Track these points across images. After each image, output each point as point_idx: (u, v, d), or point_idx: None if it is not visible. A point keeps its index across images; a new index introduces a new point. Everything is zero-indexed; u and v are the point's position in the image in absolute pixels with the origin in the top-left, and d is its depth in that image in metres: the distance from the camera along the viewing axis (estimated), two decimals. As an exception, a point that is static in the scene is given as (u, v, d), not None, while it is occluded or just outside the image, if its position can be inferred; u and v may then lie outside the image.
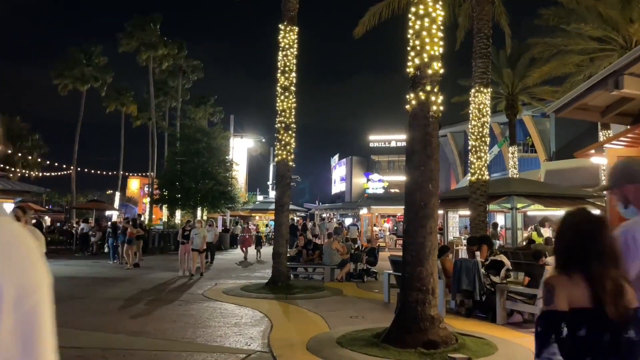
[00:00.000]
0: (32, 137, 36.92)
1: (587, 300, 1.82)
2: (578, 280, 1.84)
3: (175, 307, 9.22)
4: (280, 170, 11.39)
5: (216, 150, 30.22)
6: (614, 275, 1.85)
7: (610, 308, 1.79)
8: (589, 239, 1.91)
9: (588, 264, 1.86)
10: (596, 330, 1.80)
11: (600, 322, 1.80)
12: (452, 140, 48.65)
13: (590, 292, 1.82)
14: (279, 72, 11.51)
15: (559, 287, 1.85)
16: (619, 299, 1.82)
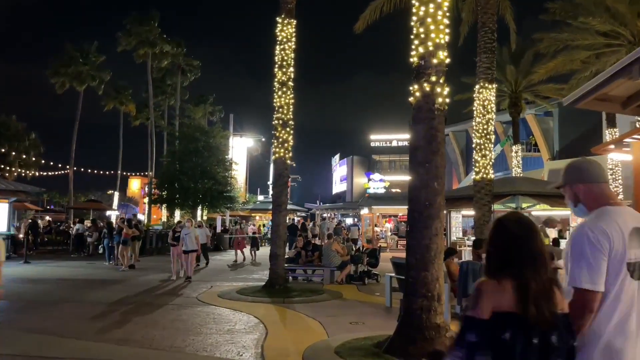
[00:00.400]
0: (29, 137, 36.52)
1: (514, 304, 1.83)
2: (507, 285, 1.86)
3: (167, 311, 8.79)
4: (277, 168, 10.95)
5: (215, 149, 29.81)
6: (542, 280, 1.87)
7: (532, 312, 1.80)
8: (520, 243, 1.93)
9: (519, 269, 1.88)
10: (521, 335, 1.81)
11: (525, 327, 1.81)
12: (454, 140, 48.23)
13: (518, 296, 1.83)
14: (276, 67, 11.08)
15: (486, 293, 1.87)
16: (544, 303, 1.83)
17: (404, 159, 72.26)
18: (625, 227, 2.06)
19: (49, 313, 8.42)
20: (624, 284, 2.02)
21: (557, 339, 1.84)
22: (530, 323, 1.82)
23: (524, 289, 1.84)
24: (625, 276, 2.02)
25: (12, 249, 20.60)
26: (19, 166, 34.85)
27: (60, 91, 34.45)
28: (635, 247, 2.06)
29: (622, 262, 2.02)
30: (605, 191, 2.21)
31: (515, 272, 1.88)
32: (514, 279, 1.87)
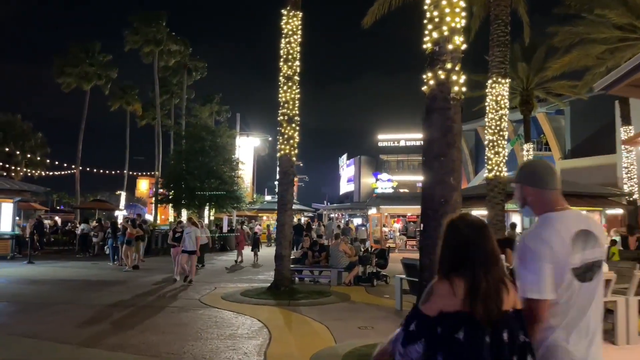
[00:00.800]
0: (35, 137, 36.44)
1: (465, 303, 1.86)
2: (460, 285, 1.89)
3: (168, 315, 8.42)
4: (283, 165, 10.56)
5: (221, 148, 29.47)
6: (493, 279, 1.91)
7: (480, 310, 1.84)
8: (471, 244, 1.97)
9: (470, 269, 1.91)
10: (474, 333, 1.85)
11: (476, 326, 1.85)
12: (463, 139, 47.63)
13: (469, 296, 1.87)
14: (281, 61, 10.69)
15: (436, 294, 1.92)
16: (494, 302, 1.87)
17: (412, 158, 71.74)
18: (568, 232, 2.08)
19: (44, 316, 8.09)
20: (573, 289, 2.04)
21: (509, 336, 1.88)
22: (481, 322, 1.85)
23: (476, 289, 1.88)
24: (572, 281, 2.03)
25: (17, 249, 20.42)
26: (25, 166, 34.79)
27: (67, 91, 34.34)
28: (580, 251, 2.07)
29: (565, 268, 2.03)
30: (553, 198, 2.21)
31: (467, 273, 1.92)
32: (466, 279, 1.91)
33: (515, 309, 1.95)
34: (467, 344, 1.85)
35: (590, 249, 2.09)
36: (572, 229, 2.09)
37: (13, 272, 14.72)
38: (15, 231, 20.19)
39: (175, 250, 13.00)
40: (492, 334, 1.86)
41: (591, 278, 2.08)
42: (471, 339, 1.85)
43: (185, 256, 12.50)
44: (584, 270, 2.06)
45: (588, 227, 2.13)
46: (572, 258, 2.04)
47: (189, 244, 12.47)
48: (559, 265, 2.02)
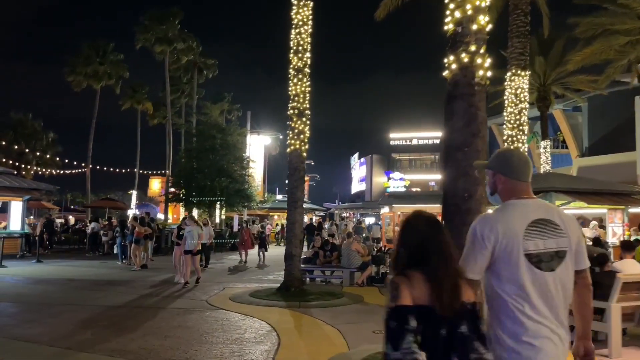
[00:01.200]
0: (47, 136, 36.47)
1: (423, 298, 1.93)
2: (417, 279, 1.96)
3: (172, 317, 8.05)
4: (292, 161, 10.14)
5: (232, 147, 29.16)
6: (449, 273, 1.98)
7: (440, 304, 1.90)
8: (427, 240, 2.04)
9: (426, 264, 1.99)
10: (431, 326, 1.90)
11: (434, 318, 1.90)
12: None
13: (426, 290, 1.93)
14: (291, 52, 10.27)
15: (402, 285, 1.96)
16: (453, 296, 1.93)
17: (424, 157, 71.03)
18: (525, 219, 2.12)
19: (45, 318, 7.77)
20: (528, 274, 2.06)
21: (467, 328, 1.93)
22: (439, 315, 1.90)
23: (439, 284, 1.93)
24: (528, 266, 2.07)
25: (27, 248, 20.30)
26: (37, 165, 34.84)
27: (77, 90, 34.31)
28: (537, 238, 2.10)
29: (516, 253, 2.07)
30: (522, 189, 2.24)
31: (426, 268, 1.97)
32: (425, 275, 1.96)
33: (472, 302, 2.00)
34: (424, 337, 1.90)
35: (552, 238, 2.12)
36: (531, 216, 2.13)
37: (20, 271, 14.52)
38: (25, 230, 20.05)
39: (180, 249, 12.32)
40: (449, 327, 1.91)
41: (553, 268, 2.09)
42: (428, 332, 1.90)
43: (188, 257, 11.78)
44: (546, 258, 2.09)
45: (551, 217, 2.16)
46: (526, 244, 2.08)
47: (189, 244, 11.78)
48: (506, 249, 2.07)
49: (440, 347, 1.90)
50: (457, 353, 1.90)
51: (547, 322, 2.06)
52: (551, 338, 2.05)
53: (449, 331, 1.91)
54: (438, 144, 66.97)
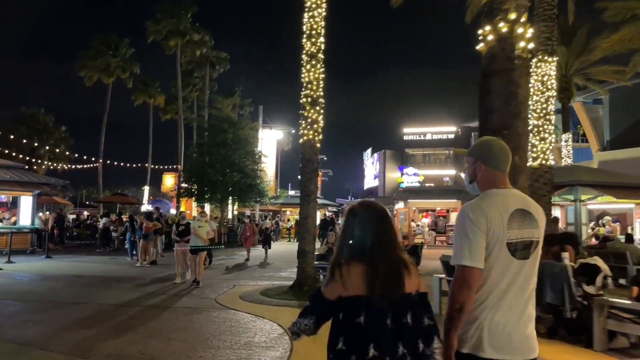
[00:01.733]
0: (59, 130, 36.36)
1: (365, 287, 1.91)
2: (358, 269, 1.95)
3: (178, 317, 7.57)
4: (305, 153, 9.57)
5: (244, 141, 28.69)
6: (391, 262, 1.98)
7: (379, 293, 1.90)
8: (368, 227, 2.03)
9: (369, 253, 1.98)
10: (374, 316, 1.89)
11: (377, 308, 1.89)
12: (493, 131, 45.90)
13: (368, 279, 1.92)
14: (304, 37, 9.69)
15: (336, 279, 1.96)
16: (393, 284, 1.94)
17: (438, 152, 69.88)
18: (506, 209, 2.17)
19: (45, 317, 7.33)
20: (506, 262, 2.13)
21: (412, 318, 1.94)
22: (381, 305, 1.90)
23: (374, 273, 1.93)
24: (506, 255, 2.13)
25: (38, 243, 20.07)
26: (49, 160, 34.76)
27: (89, 84, 34.11)
28: (516, 227, 2.16)
29: (501, 242, 2.13)
30: (500, 178, 2.29)
31: (365, 257, 1.98)
32: (364, 264, 1.96)
33: (419, 292, 2.01)
34: (368, 328, 1.88)
35: (529, 228, 2.19)
36: (511, 206, 2.19)
37: (28, 267, 14.21)
38: (35, 225, 19.80)
39: (180, 247, 11.25)
40: (393, 316, 1.90)
41: (527, 256, 2.18)
42: (372, 322, 1.88)
43: (194, 255, 10.92)
44: (520, 247, 2.16)
45: (527, 207, 2.22)
46: (508, 233, 2.14)
47: (199, 240, 10.98)
48: (494, 238, 2.12)
49: (387, 336, 1.88)
50: (403, 343, 1.90)
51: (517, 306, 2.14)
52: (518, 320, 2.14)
53: (394, 321, 1.90)
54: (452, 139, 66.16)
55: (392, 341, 1.88)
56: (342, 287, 1.93)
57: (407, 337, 1.91)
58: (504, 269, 2.13)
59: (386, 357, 1.87)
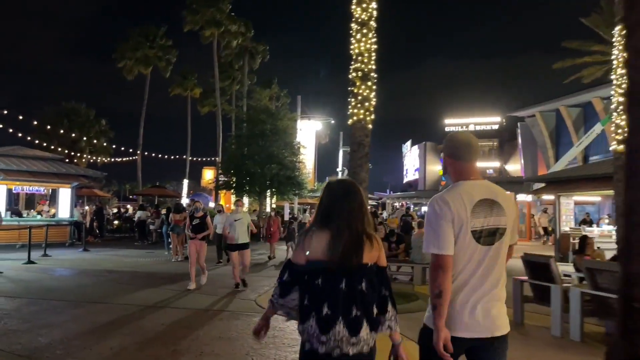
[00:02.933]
0: (99, 123, 36.52)
1: (322, 253, 2.17)
2: (325, 236, 2.19)
3: (214, 323, 6.57)
4: (355, 135, 8.36)
5: (282, 132, 27.77)
6: (355, 232, 2.21)
7: (336, 260, 2.15)
8: (338, 200, 2.28)
9: (335, 222, 2.22)
10: (330, 280, 2.15)
11: (334, 273, 2.16)
12: (542, 121, 43.22)
13: (329, 247, 2.17)
14: (353, 3, 8.47)
15: (304, 245, 2.23)
16: (352, 253, 2.17)
17: (482, 143, 67.01)
18: (470, 199, 2.31)
19: (60, 321, 6.49)
20: (471, 247, 2.29)
21: (367, 286, 2.18)
22: (337, 270, 2.16)
23: (336, 241, 2.17)
24: (471, 241, 2.29)
25: (77, 236, 19.78)
26: (90, 153, 34.95)
27: (128, 76, 34.00)
28: (481, 216, 2.31)
29: (465, 229, 2.28)
30: (467, 169, 2.43)
31: (332, 226, 2.21)
32: (330, 232, 2.20)
33: (379, 265, 2.29)
34: (324, 289, 2.15)
35: (495, 216, 2.34)
36: (476, 196, 2.33)
37: (62, 261, 13.71)
38: (74, 217, 19.50)
39: (195, 243, 9.47)
40: (347, 282, 2.15)
41: (493, 242, 2.34)
42: (327, 285, 2.15)
43: (235, 253, 9.43)
44: (486, 234, 2.32)
45: (495, 197, 2.37)
46: (472, 221, 2.29)
47: (240, 235, 9.39)
48: (458, 226, 2.28)
49: (340, 298, 2.14)
50: (359, 307, 2.16)
51: (483, 288, 2.31)
52: (484, 301, 2.30)
53: (348, 286, 2.15)
54: (497, 129, 63.46)
55: (345, 303, 2.14)
56: (310, 252, 2.19)
57: (361, 302, 2.16)
58: (469, 254, 2.30)
59: (339, 317, 2.13)
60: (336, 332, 2.12)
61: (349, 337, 2.12)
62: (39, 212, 19.46)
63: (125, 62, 33.49)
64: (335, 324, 2.12)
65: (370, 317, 2.18)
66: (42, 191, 19.49)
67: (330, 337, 2.12)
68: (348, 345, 2.12)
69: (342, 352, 2.12)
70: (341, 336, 2.12)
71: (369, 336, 2.19)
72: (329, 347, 2.12)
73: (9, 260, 12.92)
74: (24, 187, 18.72)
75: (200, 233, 9.45)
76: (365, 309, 2.16)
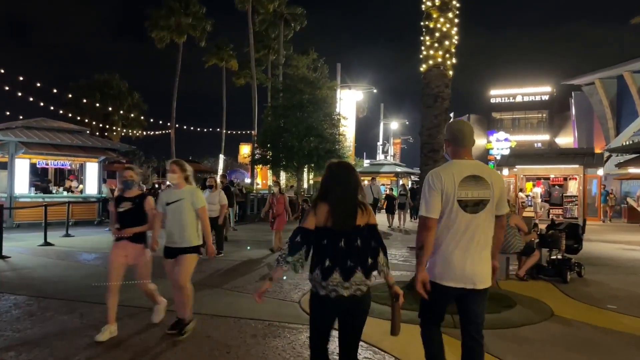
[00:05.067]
0: (132, 96, 35.32)
1: (329, 220, 2.77)
2: (326, 207, 2.80)
3: (245, 339, 4.75)
4: (431, 85, 6.25)
5: (322, 102, 25.71)
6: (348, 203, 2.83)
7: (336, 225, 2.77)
8: (335, 177, 2.90)
9: (332, 195, 2.83)
10: (332, 240, 2.77)
11: (332, 234, 2.77)
12: (602, 89, 39.30)
13: (331, 214, 2.78)
14: None
15: (311, 213, 2.83)
16: (344, 218, 2.78)
17: (530, 115, 62.94)
18: (460, 174, 2.97)
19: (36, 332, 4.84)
20: (457, 214, 2.94)
21: (361, 242, 2.79)
22: (336, 232, 2.77)
23: (336, 210, 2.79)
24: (458, 209, 2.94)
25: (107, 214, 18.60)
26: (122, 126, 33.90)
27: (160, 45, 32.45)
28: (467, 189, 2.94)
29: (452, 199, 2.93)
30: (460, 152, 3.10)
31: (330, 197, 2.83)
32: (331, 203, 2.81)
33: (369, 224, 2.85)
34: (327, 247, 2.77)
35: (479, 190, 2.96)
36: (465, 172, 2.98)
37: (83, 242, 12.45)
38: (102, 194, 18.27)
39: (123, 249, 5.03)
40: (345, 240, 2.77)
41: (477, 212, 2.96)
42: (330, 244, 2.77)
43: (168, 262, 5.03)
44: (470, 204, 2.94)
45: (481, 174, 3.00)
46: (459, 193, 2.93)
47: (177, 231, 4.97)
48: (446, 196, 2.94)
49: (340, 254, 2.76)
50: (353, 259, 2.77)
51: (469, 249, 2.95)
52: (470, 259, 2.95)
53: (346, 243, 2.77)
54: (547, 100, 59.39)
55: (342, 257, 2.76)
56: (315, 220, 2.80)
57: (356, 255, 2.78)
58: (457, 219, 2.93)
59: (337, 267, 2.74)
60: (333, 278, 2.74)
61: (342, 281, 2.74)
62: (66, 189, 18.31)
63: (157, 31, 31.87)
64: (333, 272, 2.74)
65: (364, 266, 2.79)
66: (67, 165, 18.26)
67: (329, 283, 2.74)
68: (342, 289, 2.74)
69: (337, 294, 2.74)
70: (337, 282, 2.74)
71: (362, 282, 2.78)
72: (327, 290, 2.76)
73: (26, 242, 11.66)
74: (48, 161, 17.50)
75: (130, 228, 4.86)
76: (359, 260, 2.78)
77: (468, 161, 3.01)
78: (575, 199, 21.32)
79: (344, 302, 2.73)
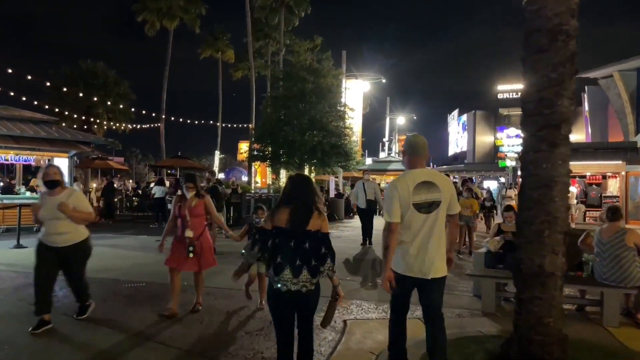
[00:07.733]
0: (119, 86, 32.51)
1: (284, 222, 3.22)
2: (285, 211, 3.25)
3: None
4: (545, 13, 3.57)
5: (326, 92, 23.09)
6: (304, 209, 3.27)
7: (290, 226, 3.22)
8: (293, 187, 3.40)
9: (289, 201, 3.31)
10: (284, 240, 3.20)
11: (288, 235, 3.20)
12: (621, 81, 36.79)
13: (286, 218, 3.23)
14: None
15: (271, 217, 3.31)
16: (297, 222, 3.21)
17: (539, 112, 60.70)
18: (413, 181, 3.54)
19: None
20: (413, 215, 3.52)
21: (309, 245, 3.20)
22: (289, 233, 3.20)
23: (292, 214, 3.23)
24: (414, 211, 3.51)
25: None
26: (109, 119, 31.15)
27: (150, 33, 29.68)
28: (420, 194, 3.51)
29: (408, 203, 3.51)
30: (415, 161, 3.70)
31: (290, 204, 3.28)
32: (289, 208, 3.26)
33: (322, 232, 3.28)
34: (279, 245, 3.20)
35: (432, 193, 3.52)
36: (417, 180, 3.54)
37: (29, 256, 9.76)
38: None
39: None
40: (295, 241, 3.19)
41: (430, 212, 3.52)
42: (282, 243, 3.20)
43: None
44: (424, 206, 3.51)
45: (432, 180, 3.56)
46: (414, 198, 3.51)
47: None
48: (403, 201, 3.51)
49: (289, 252, 3.18)
50: (301, 259, 3.17)
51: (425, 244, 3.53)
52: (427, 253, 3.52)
53: (295, 244, 3.19)
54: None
55: (292, 256, 3.17)
56: (272, 222, 3.26)
57: (303, 256, 3.18)
58: (414, 220, 3.51)
59: (287, 264, 3.16)
60: (284, 275, 3.17)
61: (292, 278, 3.17)
62: (30, 188, 15.70)
63: (146, 14, 28.99)
64: (284, 269, 3.17)
65: (309, 266, 3.18)
66: (31, 161, 15.63)
67: (280, 278, 3.17)
68: (291, 284, 3.16)
69: (287, 289, 3.17)
70: (287, 278, 3.17)
71: (308, 280, 3.19)
72: (279, 284, 3.18)
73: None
74: (8, 156, 14.87)
75: None
76: (306, 261, 3.18)
77: (422, 170, 3.65)
78: (616, 199, 18.75)
79: (292, 296, 3.17)
